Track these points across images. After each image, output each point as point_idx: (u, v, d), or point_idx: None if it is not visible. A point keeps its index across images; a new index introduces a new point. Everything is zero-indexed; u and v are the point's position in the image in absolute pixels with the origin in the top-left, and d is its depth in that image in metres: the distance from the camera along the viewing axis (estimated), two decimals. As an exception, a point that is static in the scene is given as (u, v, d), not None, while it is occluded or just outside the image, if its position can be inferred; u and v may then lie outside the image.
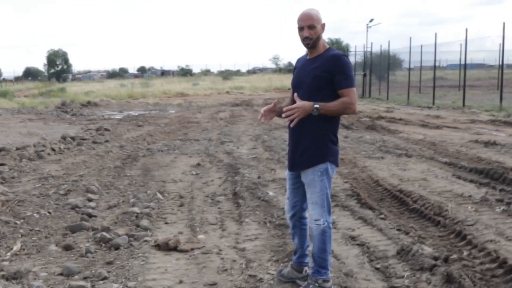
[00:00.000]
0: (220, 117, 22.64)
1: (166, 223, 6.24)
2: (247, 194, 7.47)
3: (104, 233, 5.48)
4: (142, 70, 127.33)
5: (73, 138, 14.25)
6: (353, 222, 6.10)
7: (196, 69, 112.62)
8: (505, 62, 40.31)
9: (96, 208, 6.93)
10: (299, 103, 3.79)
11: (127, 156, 11.66)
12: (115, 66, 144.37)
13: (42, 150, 11.87)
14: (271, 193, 7.59)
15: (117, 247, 5.22)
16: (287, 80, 62.19)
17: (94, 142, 14.21)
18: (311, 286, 4.03)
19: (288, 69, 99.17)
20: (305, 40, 3.89)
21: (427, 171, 9.23)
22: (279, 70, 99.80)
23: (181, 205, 7.09)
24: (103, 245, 5.34)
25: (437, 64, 47.14)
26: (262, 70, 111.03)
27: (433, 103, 27.35)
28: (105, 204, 7.15)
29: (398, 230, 5.78)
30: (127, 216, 6.36)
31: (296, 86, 4.02)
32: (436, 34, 33.13)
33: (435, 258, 4.66)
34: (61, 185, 8.21)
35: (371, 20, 57.73)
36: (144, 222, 5.98)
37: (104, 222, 6.23)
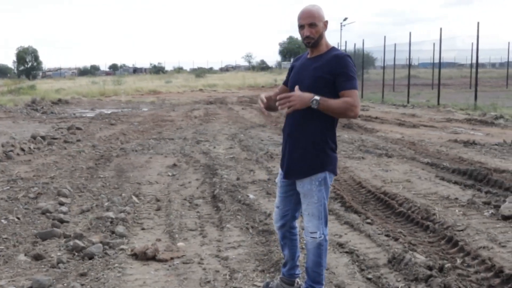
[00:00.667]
0: (195, 115, 22.27)
1: (143, 229, 5.91)
2: (226, 197, 7.16)
3: (77, 241, 5.13)
4: (114, 67, 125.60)
5: (43, 138, 13.75)
6: (339, 228, 5.85)
7: (168, 67, 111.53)
8: (474, 61, 40.94)
9: (68, 212, 6.56)
10: (297, 92, 3.52)
11: (100, 156, 11.26)
12: (86, 63, 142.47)
13: (11, 150, 11.38)
14: (251, 196, 7.30)
15: (91, 257, 4.88)
16: (260, 77, 62.03)
17: (65, 142, 13.75)
18: None
19: (261, 67, 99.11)
20: (306, 39, 3.66)
21: (410, 172, 9.05)
22: (252, 68, 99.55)
23: (158, 209, 6.76)
24: (76, 254, 4.99)
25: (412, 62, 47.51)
26: (235, 68, 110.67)
27: (408, 102, 27.39)
28: (78, 209, 6.78)
29: (386, 236, 5.55)
30: (101, 222, 6.01)
31: (293, 86, 3.67)
32: (410, 33, 33.23)
33: (430, 268, 4.43)
34: (30, 188, 7.80)
35: (345, 19, 58.20)
36: (120, 228, 5.64)
37: (77, 228, 5.87)
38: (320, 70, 3.60)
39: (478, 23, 22.89)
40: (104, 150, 12.24)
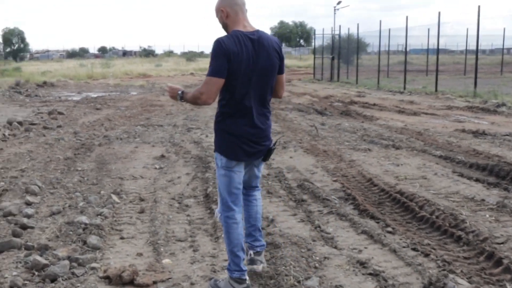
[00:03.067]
0: (185, 100, 21.22)
1: (122, 238, 4.94)
2: (221, 197, 6.20)
3: (38, 257, 4.16)
4: (103, 50, 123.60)
5: (20, 123, 12.73)
6: (356, 239, 4.91)
7: (159, 50, 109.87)
8: (468, 47, 40.19)
9: (35, 215, 5.58)
10: (173, 87, 3.83)
11: (81, 145, 10.25)
12: (75, 46, 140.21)
13: (-18, 137, 10.37)
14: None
15: (53, 279, 3.91)
16: (252, 62, 60.79)
17: (45, 128, 12.72)
18: (225, 278, 3.85)
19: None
20: None
21: (424, 167, 8.13)
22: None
23: (141, 211, 5.79)
24: (36, 273, 4.02)
25: (400, 48, 46.60)
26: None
27: (404, 88, 26.53)
28: (47, 210, 5.80)
29: (414, 249, 4.63)
30: (72, 228, 5.04)
31: None
32: (407, 18, 31.91)
33: (480, 299, 3.51)
34: (-5, 183, 6.81)
35: (339, 3, 56.77)
36: (93, 239, 4.66)
37: (43, 236, 4.90)
38: None
39: (479, 6, 21.89)
40: (86, 138, 11.24)
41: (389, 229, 5.16)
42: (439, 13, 25.13)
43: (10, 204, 5.83)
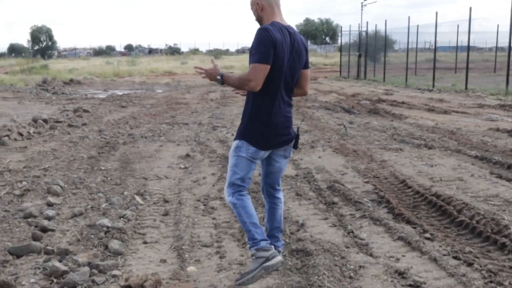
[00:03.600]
0: (211, 98, 21.06)
1: (145, 242, 4.71)
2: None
3: (57, 263, 3.96)
4: (129, 48, 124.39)
5: (45, 121, 12.64)
6: (393, 246, 4.61)
7: (184, 48, 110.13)
8: (499, 44, 39.29)
9: (56, 217, 5.39)
10: (209, 67, 3.78)
11: (105, 143, 10.10)
12: (101, 44, 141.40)
13: (6, 135, 10.27)
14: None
15: (73, 287, 3.70)
16: (278, 60, 60.38)
17: (69, 126, 12.63)
18: (250, 261, 3.85)
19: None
20: None
21: (459, 168, 7.77)
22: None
23: (166, 213, 5.56)
24: (55, 281, 3.81)
25: (426, 46, 45.72)
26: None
27: (433, 86, 25.98)
28: (69, 211, 5.61)
29: (455, 258, 4.31)
30: (94, 232, 4.84)
31: None
32: (436, 13, 31.17)
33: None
34: (18, 183, 6.66)
35: (366, -1, 56.14)
36: (115, 244, 4.45)
37: (63, 240, 4.70)
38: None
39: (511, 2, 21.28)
40: (111, 136, 11.09)
41: (427, 235, 4.85)
42: (470, 8, 24.49)
43: (31, 205, 5.66)
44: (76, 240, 4.68)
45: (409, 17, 31.44)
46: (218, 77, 3.69)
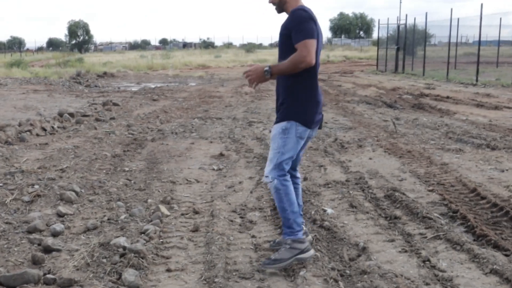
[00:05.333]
0: (245, 91, 20.11)
1: (168, 270, 3.79)
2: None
3: (54, 303, 3.07)
4: (164, 42, 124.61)
5: (72, 115, 11.89)
6: (485, 282, 3.57)
7: (218, 42, 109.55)
8: None
9: (65, 232, 4.53)
10: (252, 66, 3.76)
11: (133, 140, 9.26)
12: (137, 38, 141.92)
13: (28, 130, 9.53)
14: (329, 210, 5.11)
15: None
16: (313, 53, 59.15)
17: (97, 120, 11.87)
18: (282, 248, 3.80)
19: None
20: (273, 6, 3.85)
21: (537, 174, 6.66)
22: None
23: (195, 229, 4.64)
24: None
25: (463, 40, 44.04)
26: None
27: (477, 80, 24.64)
28: (81, 225, 4.74)
29: None
30: (107, 254, 3.94)
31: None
32: (482, 5, 29.41)
33: None
34: (29, 187, 5.82)
35: (405, -9, 54.39)
36: (130, 274, 3.53)
37: (69, 264, 3.81)
38: (282, 28, 3.73)
39: None
40: (139, 131, 10.26)
41: (525, 266, 3.81)
42: (482, 4, 22.86)
43: (39, 215, 4.82)
44: (84, 264, 3.79)
45: (451, 9, 30.09)
46: (266, 68, 3.63)
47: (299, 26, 3.56)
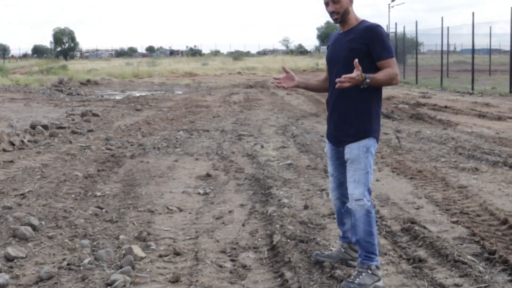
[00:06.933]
0: (234, 100, 19.25)
1: None
2: (296, 255, 4.06)
3: None
4: (150, 49, 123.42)
5: (45, 127, 10.94)
6: None
7: (205, 50, 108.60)
8: None
9: (9, 286, 3.59)
10: (354, 74, 3.43)
11: (110, 156, 8.34)
12: (124, 45, 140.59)
13: (-7, 146, 8.56)
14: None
15: None
16: (300, 61, 58.64)
17: (73, 132, 10.94)
18: (363, 273, 3.59)
19: (299, 51, 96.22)
20: (332, 15, 3.69)
21: None
22: (290, 52, 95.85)
23: (175, 280, 3.70)
24: None
25: (451, 48, 43.91)
26: (273, 52, 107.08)
27: (472, 89, 24.07)
28: (33, 272, 3.80)
29: None
30: (59, 320, 3.02)
31: (330, 61, 3.85)
32: (473, 14, 28.72)
33: None
34: (-22, 218, 4.88)
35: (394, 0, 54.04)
36: None
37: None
38: (354, 41, 3.63)
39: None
40: (118, 146, 9.35)
41: None
42: (473, 13, 22.28)
43: (-19, 260, 3.88)
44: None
45: (442, 18, 29.64)
46: (368, 81, 3.49)
47: (384, 43, 3.58)
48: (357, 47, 3.60)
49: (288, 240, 4.33)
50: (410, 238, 4.57)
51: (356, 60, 3.41)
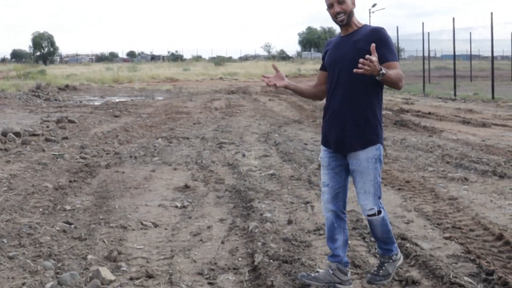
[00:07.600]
0: (215, 106, 18.90)
1: None
2: (280, 278, 3.72)
3: None
4: (131, 54, 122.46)
5: (17, 134, 10.49)
6: None
7: (187, 55, 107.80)
8: (497, 53, 37.43)
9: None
10: (374, 58, 3.26)
11: (83, 165, 7.94)
12: (104, 50, 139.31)
13: (-40, 154, 8.12)
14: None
15: None
16: (282, 67, 58.22)
17: (47, 140, 10.50)
18: (386, 264, 3.74)
19: (281, 56, 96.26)
20: (338, 16, 3.60)
21: None
22: (272, 58, 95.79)
23: (146, 307, 3.36)
24: None
25: (431, 54, 44.30)
26: (255, 57, 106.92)
27: (455, 95, 24.02)
28: (-13, 301, 3.43)
29: None
30: None
31: (333, 64, 3.69)
32: (454, 19, 28.58)
33: None
34: None
35: (374, 5, 53.89)
36: None
37: None
38: (361, 42, 3.55)
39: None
40: (93, 154, 8.95)
41: None
42: (492, 13, 22.01)
43: None
44: None
45: (423, 23, 29.50)
46: (383, 71, 3.33)
47: (391, 46, 3.56)
48: (364, 47, 3.46)
49: (271, 261, 3.99)
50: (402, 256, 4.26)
51: (373, 44, 3.31)
